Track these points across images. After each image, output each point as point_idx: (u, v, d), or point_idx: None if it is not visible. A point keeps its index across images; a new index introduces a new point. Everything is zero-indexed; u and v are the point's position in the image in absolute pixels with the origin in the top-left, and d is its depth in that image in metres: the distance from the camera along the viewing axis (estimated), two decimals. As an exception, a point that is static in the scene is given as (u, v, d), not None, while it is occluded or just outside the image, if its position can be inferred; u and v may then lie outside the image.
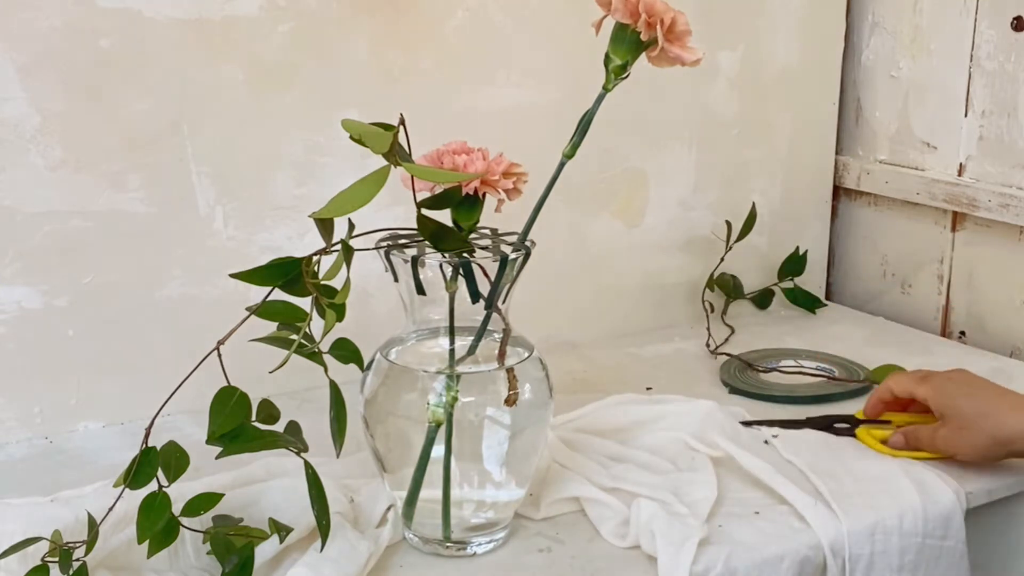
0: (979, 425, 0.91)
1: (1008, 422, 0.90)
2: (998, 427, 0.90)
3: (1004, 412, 0.90)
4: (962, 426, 0.92)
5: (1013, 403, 0.91)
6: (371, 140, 0.69)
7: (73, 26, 0.96)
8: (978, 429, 0.91)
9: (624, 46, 0.74)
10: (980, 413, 0.91)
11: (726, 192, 1.35)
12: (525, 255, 0.78)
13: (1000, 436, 0.90)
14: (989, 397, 0.93)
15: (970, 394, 0.93)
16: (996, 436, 0.90)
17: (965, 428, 0.91)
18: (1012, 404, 0.91)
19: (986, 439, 0.90)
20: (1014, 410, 0.90)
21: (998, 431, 0.90)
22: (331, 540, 0.76)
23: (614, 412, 1.01)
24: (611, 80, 0.75)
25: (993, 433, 0.90)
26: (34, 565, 0.72)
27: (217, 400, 0.70)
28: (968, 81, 1.29)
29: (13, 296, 0.98)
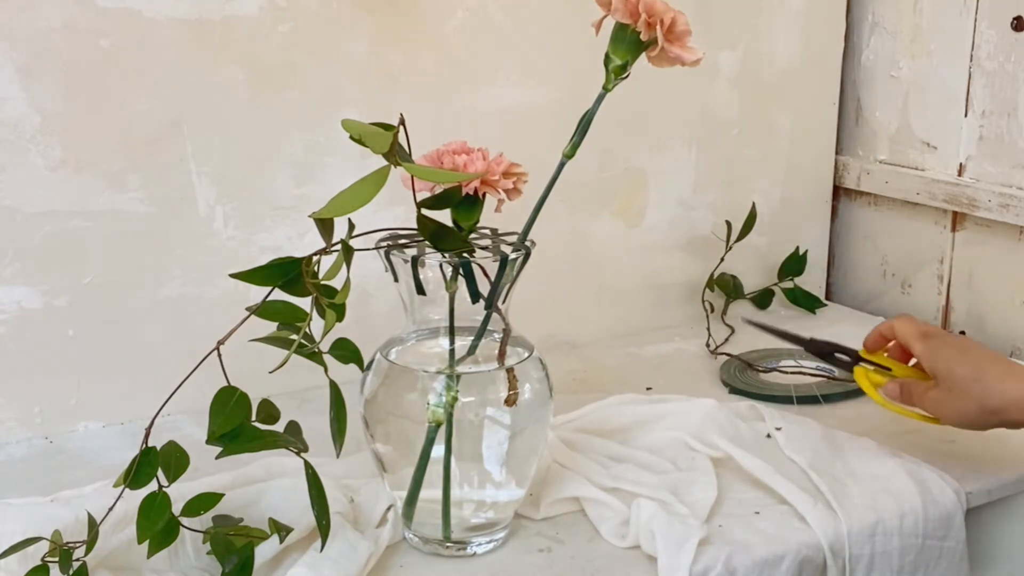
0: (969, 391, 0.86)
1: (998, 389, 0.85)
2: (988, 394, 0.85)
3: (994, 379, 0.86)
4: (952, 389, 0.87)
5: (1005, 370, 0.86)
6: (371, 140, 0.69)
7: (73, 26, 0.96)
8: (968, 395, 0.86)
9: (624, 46, 0.74)
10: (971, 378, 0.86)
11: (726, 192, 1.35)
12: (525, 255, 0.78)
13: (990, 404, 0.85)
14: (981, 362, 0.87)
15: (962, 359, 0.88)
16: (986, 404, 0.85)
17: (955, 392, 0.87)
18: (1004, 371, 0.86)
19: (975, 406, 0.86)
20: (1005, 377, 0.86)
21: (988, 399, 0.85)
22: (331, 540, 0.76)
23: (615, 412, 1.01)
24: (611, 80, 0.75)
25: (983, 400, 0.85)
26: (34, 565, 0.72)
27: (217, 400, 0.70)
28: (968, 81, 1.29)
29: (13, 296, 0.98)
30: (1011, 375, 0.86)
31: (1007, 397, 0.85)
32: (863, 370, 0.96)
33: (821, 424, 1.01)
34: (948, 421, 0.89)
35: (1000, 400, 0.85)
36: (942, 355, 0.89)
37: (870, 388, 0.95)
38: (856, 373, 0.97)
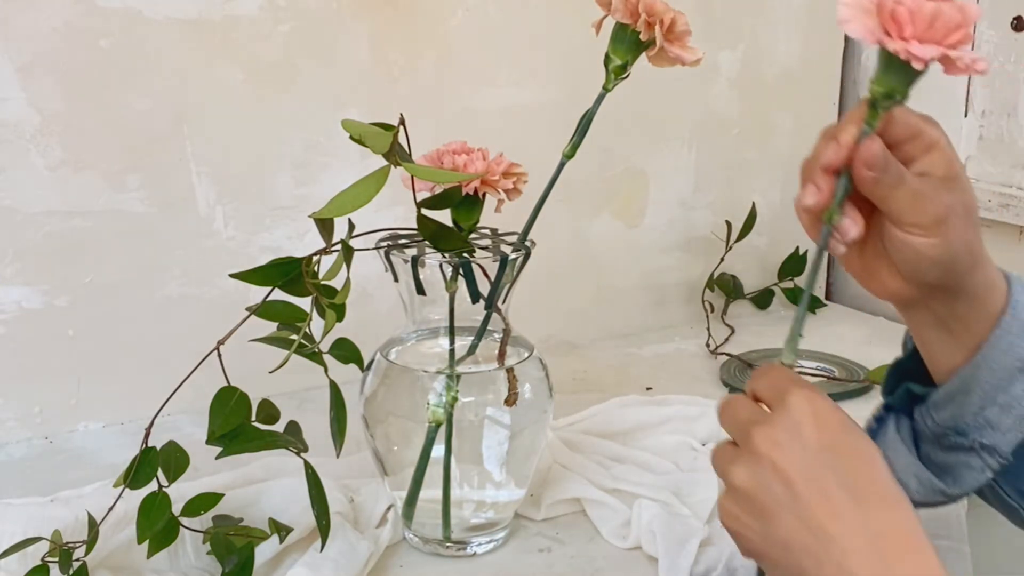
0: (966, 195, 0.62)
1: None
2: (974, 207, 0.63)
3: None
4: (952, 188, 0.61)
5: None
6: (371, 140, 0.69)
7: (73, 26, 0.96)
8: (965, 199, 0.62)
9: (624, 46, 0.74)
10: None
11: (726, 192, 1.35)
12: (525, 255, 0.78)
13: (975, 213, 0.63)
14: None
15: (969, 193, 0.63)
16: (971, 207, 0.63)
17: (954, 191, 0.61)
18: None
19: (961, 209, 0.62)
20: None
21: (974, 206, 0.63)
22: (331, 540, 0.76)
23: (617, 415, 1.01)
24: (611, 80, 0.75)
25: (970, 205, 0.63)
26: (34, 565, 0.72)
27: (217, 400, 0.70)
28: (968, 81, 1.29)
29: (13, 296, 0.98)
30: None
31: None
32: None
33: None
34: (911, 221, 0.61)
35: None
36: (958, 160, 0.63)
37: None
38: None
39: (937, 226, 0.62)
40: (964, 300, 0.66)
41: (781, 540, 0.54)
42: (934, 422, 0.69)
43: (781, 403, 0.56)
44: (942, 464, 0.69)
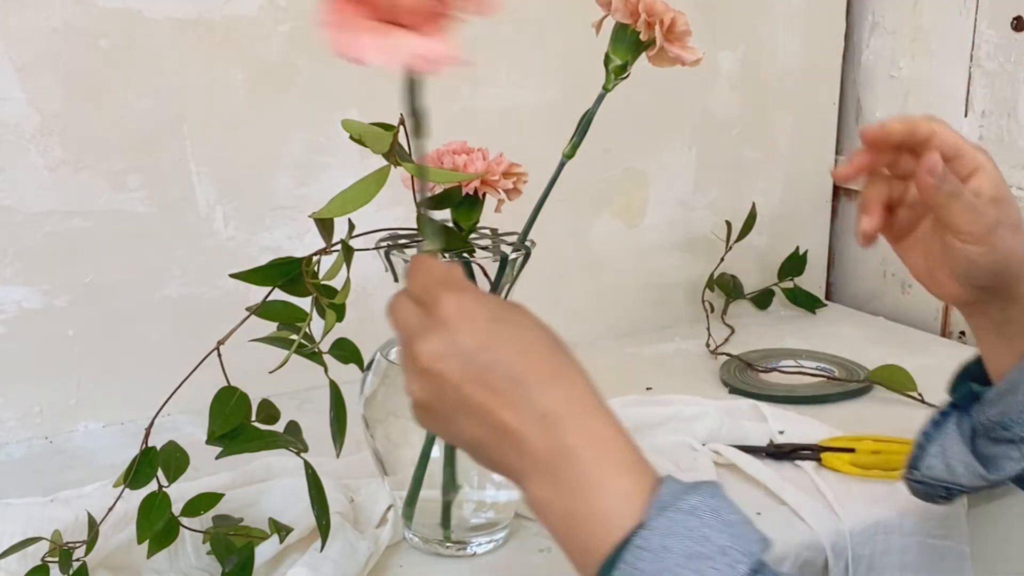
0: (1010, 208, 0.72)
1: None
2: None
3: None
4: (998, 201, 0.72)
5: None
6: (371, 140, 0.69)
7: (73, 26, 0.96)
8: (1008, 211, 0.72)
9: (624, 46, 0.74)
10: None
11: (726, 192, 1.35)
12: (525, 255, 0.78)
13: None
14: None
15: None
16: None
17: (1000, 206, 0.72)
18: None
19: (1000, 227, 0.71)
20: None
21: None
22: (331, 540, 0.76)
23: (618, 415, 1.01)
24: (611, 80, 0.75)
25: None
26: (34, 565, 0.72)
27: (217, 400, 0.70)
28: (968, 81, 1.29)
29: (13, 296, 0.98)
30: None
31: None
32: (830, 456, 0.94)
33: (822, 424, 1.01)
34: (965, 231, 0.71)
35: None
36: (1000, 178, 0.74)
37: (848, 468, 0.92)
38: (825, 461, 0.94)
39: (987, 236, 0.71)
40: (1016, 306, 0.74)
41: (470, 440, 0.58)
42: (986, 417, 0.76)
43: (434, 311, 0.58)
44: (988, 455, 0.77)
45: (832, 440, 0.96)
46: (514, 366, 0.57)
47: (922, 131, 0.74)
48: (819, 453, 0.94)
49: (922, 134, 0.74)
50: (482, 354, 0.56)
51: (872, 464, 0.93)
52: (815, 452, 0.95)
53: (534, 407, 0.56)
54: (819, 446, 0.95)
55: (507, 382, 0.56)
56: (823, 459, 0.94)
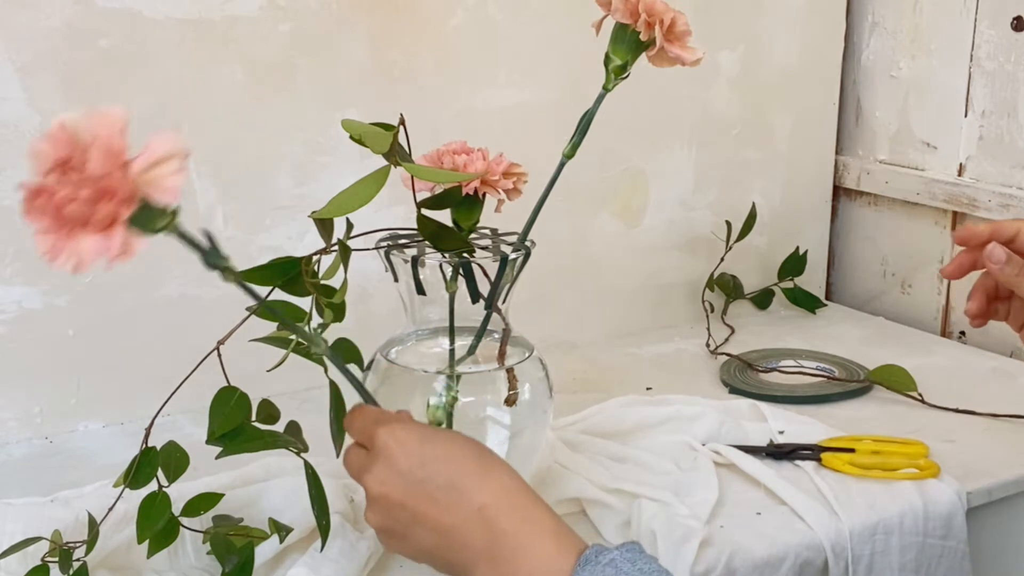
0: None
1: None
2: None
3: None
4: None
5: None
6: (371, 140, 0.69)
7: (73, 26, 0.96)
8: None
9: (624, 46, 0.74)
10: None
11: (726, 192, 1.35)
12: (525, 255, 0.78)
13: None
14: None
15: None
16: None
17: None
18: None
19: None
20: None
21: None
22: (331, 540, 0.76)
23: (617, 415, 1.01)
24: (611, 80, 0.75)
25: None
26: (34, 565, 0.72)
27: (217, 400, 0.70)
28: (968, 81, 1.29)
29: (13, 296, 0.98)
30: None
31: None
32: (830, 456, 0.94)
33: (822, 424, 1.01)
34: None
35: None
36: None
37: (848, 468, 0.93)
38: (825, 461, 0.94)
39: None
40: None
41: (425, 549, 0.67)
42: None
43: (372, 445, 0.68)
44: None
45: (832, 440, 0.96)
46: (447, 474, 0.65)
47: (1008, 230, 0.84)
48: (819, 453, 0.94)
49: (1008, 233, 0.84)
50: (417, 471, 0.66)
51: (872, 464, 0.93)
52: (815, 452, 0.95)
53: (470, 503, 0.64)
54: (819, 446, 0.95)
55: (443, 490, 0.65)
56: (823, 459, 0.94)
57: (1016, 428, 1.04)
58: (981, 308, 0.86)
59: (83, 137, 0.51)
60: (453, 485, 0.65)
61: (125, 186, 0.51)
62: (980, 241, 0.84)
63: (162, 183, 0.51)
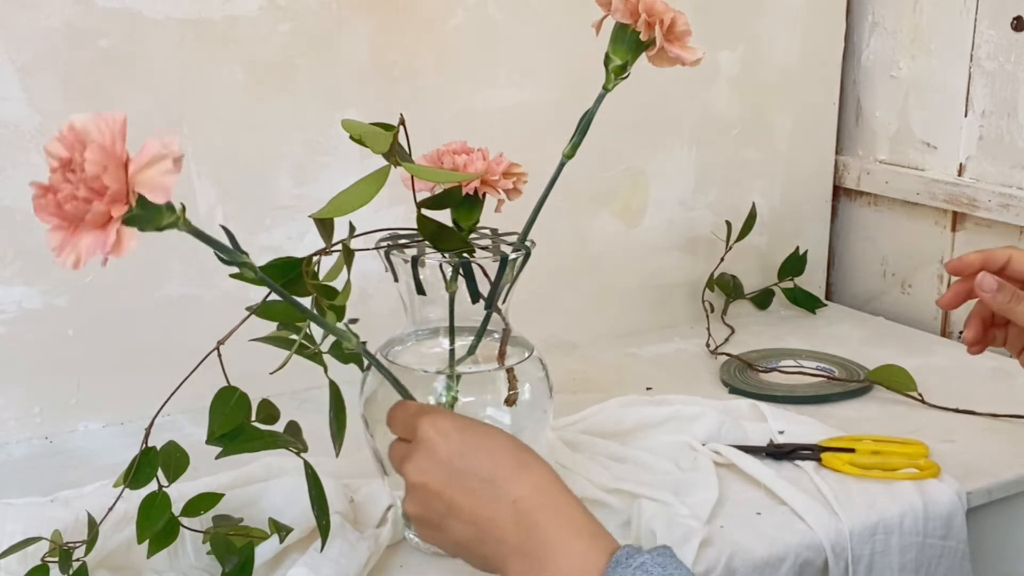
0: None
1: None
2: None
3: None
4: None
5: None
6: (371, 140, 0.69)
7: (73, 26, 0.96)
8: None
9: (624, 46, 0.74)
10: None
11: (726, 192, 1.35)
12: (525, 255, 0.78)
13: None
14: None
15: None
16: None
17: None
18: None
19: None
20: None
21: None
22: (331, 540, 0.76)
23: (617, 415, 1.01)
24: (611, 80, 0.75)
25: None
26: (34, 565, 0.72)
27: (217, 400, 0.70)
28: (968, 81, 1.29)
29: (13, 296, 0.98)
30: None
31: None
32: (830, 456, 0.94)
33: (822, 424, 1.01)
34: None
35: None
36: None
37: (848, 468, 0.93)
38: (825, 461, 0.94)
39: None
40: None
41: (460, 541, 0.67)
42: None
43: (414, 435, 0.68)
44: None
45: (832, 440, 0.96)
46: (485, 467, 0.66)
47: (999, 258, 0.85)
48: (819, 453, 0.94)
49: (999, 261, 0.85)
50: (457, 461, 0.66)
51: (872, 464, 0.93)
52: (815, 452, 0.95)
53: (505, 498, 0.65)
54: (819, 446, 0.95)
55: (480, 482, 0.66)
56: (823, 459, 0.94)
57: (1016, 428, 1.04)
58: (977, 336, 0.87)
59: (87, 138, 0.52)
60: (491, 477, 0.66)
61: (117, 185, 0.52)
62: (973, 270, 0.85)
63: (154, 182, 0.52)
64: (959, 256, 0.87)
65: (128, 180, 0.52)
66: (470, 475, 0.66)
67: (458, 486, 0.66)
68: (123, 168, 0.53)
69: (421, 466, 0.67)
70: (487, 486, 0.65)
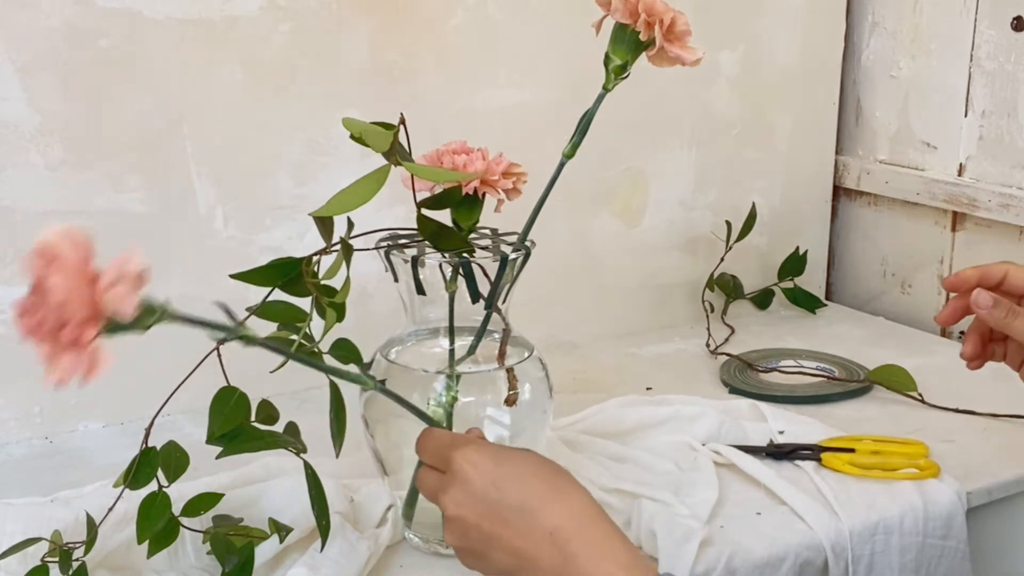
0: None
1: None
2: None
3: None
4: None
5: None
6: (372, 138, 0.69)
7: (73, 26, 0.96)
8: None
9: (624, 46, 0.74)
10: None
11: (726, 192, 1.35)
12: (525, 255, 0.78)
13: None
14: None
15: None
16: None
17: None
18: None
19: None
20: None
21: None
22: (331, 540, 0.76)
23: (617, 415, 1.01)
24: (611, 80, 0.75)
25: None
26: (34, 565, 0.72)
27: (217, 400, 0.70)
28: (968, 81, 1.29)
29: (13, 296, 0.98)
30: None
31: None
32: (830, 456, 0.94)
33: (822, 424, 1.01)
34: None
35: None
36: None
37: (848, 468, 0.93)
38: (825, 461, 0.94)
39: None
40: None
41: (502, 570, 0.67)
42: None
43: (448, 467, 0.69)
44: None
45: (832, 440, 0.96)
46: (519, 495, 0.66)
47: (995, 274, 0.85)
48: (819, 453, 0.94)
49: (996, 276, 0.85)
50: (491, 492, 0.66)
51: (872, 464, 0.93)
52: (815, 452, 0.95)
53: (542, 528, 0.65)
54: (819, 446, 0.95)
55: (515, 512, 0.66)
56: (823, 459, 0.94)
57: (1016, 428, 1.04)
58: (976, 351, 0.87)
59: (56, 256, 0.53)
60: (524, 507, 0.66)
61: (83, 312, 0.54)
62: (969, 286, 0.85)
63: (116, 304, 0.54)
64: (955, 273, 0.87)
65: (97, 300, 0.53)
66: (504, 505, 0.66)
67: (493, 517, 0.66)
68: (91, 287, 0.53)
69: (456, 499, 0.67)
70: (522, 515, 0.65)
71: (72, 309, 0.53)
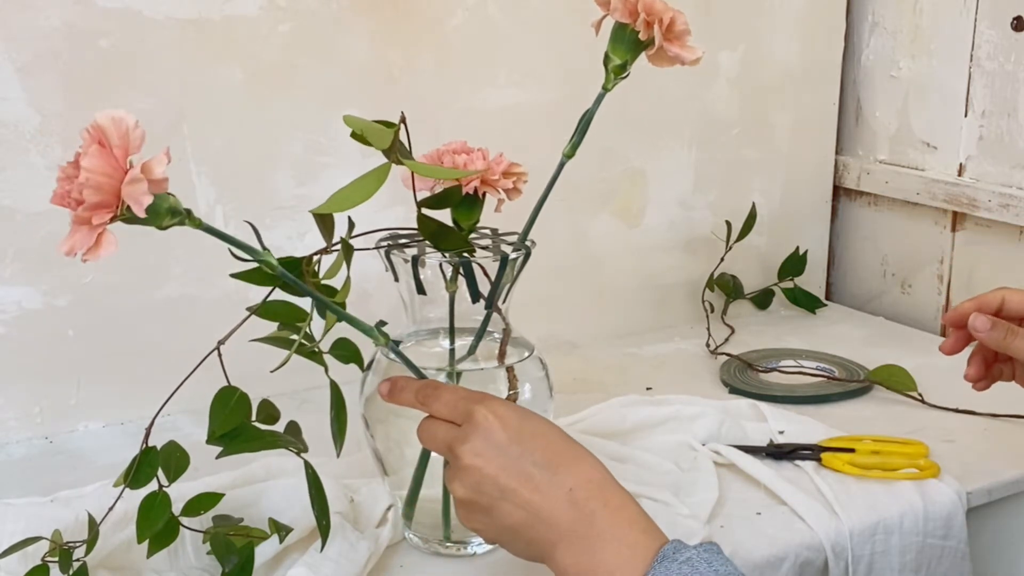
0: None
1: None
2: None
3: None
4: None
5: None
6: (372, 135, 0.69)
7: (73, 26, 0.96)
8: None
9: (623, 46, 0.74)
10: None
11: (726, 192, 1.35)
12: (525, 255, 0.78)
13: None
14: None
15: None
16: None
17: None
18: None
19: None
20: None
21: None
22: (331, 540, 0.76)
23: (618, 415, 1.01)
24: (611, 80, 0.75)
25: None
26: (34, 565, 0.72)
27: (217, 400, 0.70)
28: (968, 81, 1.29)
29: (13, 296, 0.98)
30: None
31: None
32: (830, 456, 0.94)
33: (822, 424, 1.01)
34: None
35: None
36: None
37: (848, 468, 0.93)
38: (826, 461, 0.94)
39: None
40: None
41: (508, 526, 0.67)
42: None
43: (469, 418, 0.69)
44: None
45: (832, 440, 0.96)
46: (543, 452, 0.67)
47: (992, 302, 0.87)
48: (819, 453, 0.94)
49: (993, 304, 0.87)
50: (515, 446, 0.67)
51: (872, 464, 0.93)
52: (815, 452, 0.95)
53: (561, 485, 0.66)
54: (819, 446, 0.95)
55: (536, 467, 0.67)
56: (823, 459, 0.94)
57: (1016, 428, 1.04)
58: (979, 373, 0.89)
59: (104, 136, 0.56)
60: (548, 463, 0.67)
61: (105, 195, 0.55)
62: (968, 318, 0.87)
63: (132, 199, 0.56)
64: (953, 308, 0.89)
65: (117, 190, 0.55)
66: (527, 460, 0.67)
67: (514, 470, 0.67)
68: (118, 177, 0.55)
69: (477, 448, 0.68)
70: (544, 472, 0.67)
71: (92, 192, 0.55)
